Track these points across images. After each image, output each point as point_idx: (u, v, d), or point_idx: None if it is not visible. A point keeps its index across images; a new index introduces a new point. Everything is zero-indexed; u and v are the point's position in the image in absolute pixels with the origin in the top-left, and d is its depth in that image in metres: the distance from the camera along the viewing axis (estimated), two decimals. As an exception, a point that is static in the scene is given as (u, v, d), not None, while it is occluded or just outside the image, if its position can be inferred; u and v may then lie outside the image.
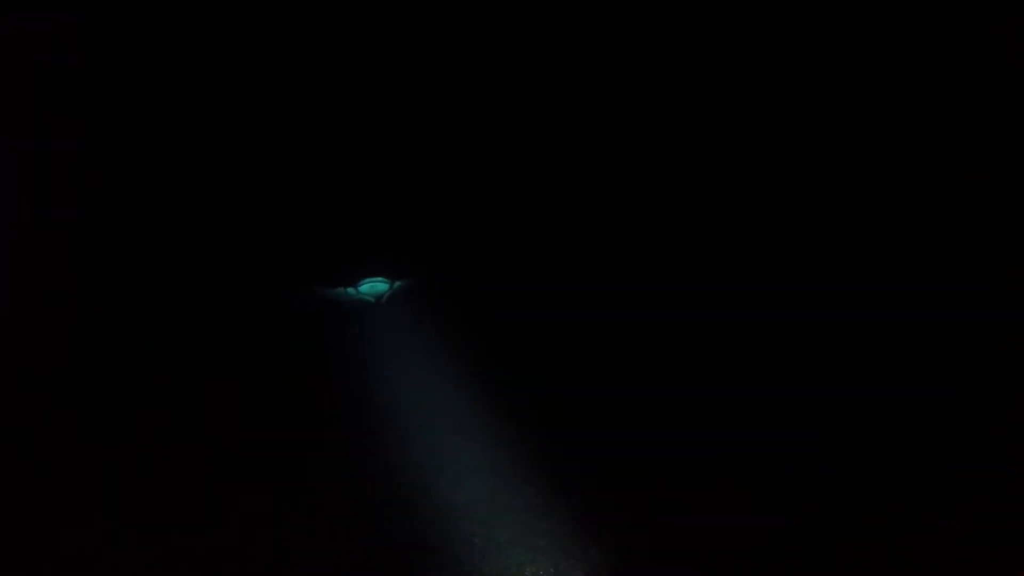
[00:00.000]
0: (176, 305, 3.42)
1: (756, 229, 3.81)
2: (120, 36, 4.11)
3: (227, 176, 3.95)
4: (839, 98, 4.19)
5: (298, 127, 4.07)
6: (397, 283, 3.58)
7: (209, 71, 4.09)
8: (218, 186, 3.91)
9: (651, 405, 3.08)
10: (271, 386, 3.12)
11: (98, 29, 4.15)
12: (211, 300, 3.45)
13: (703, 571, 2.59)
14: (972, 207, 3.84)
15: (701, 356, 3.30)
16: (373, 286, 3.57)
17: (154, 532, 2.63)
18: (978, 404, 3.03)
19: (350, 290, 3.54)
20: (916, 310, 3.42)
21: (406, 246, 3.74)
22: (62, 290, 3.54)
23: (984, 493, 2.72)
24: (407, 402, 3.10)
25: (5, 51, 3.87)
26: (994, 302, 3.41)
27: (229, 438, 2.92)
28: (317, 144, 4.05)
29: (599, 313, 3.47)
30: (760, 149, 4.09)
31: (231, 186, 3.91)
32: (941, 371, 3.18)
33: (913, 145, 4.04)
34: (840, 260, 3.65)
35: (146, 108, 4.09)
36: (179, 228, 3.77)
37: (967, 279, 3.53)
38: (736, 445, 2.95)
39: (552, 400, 3.12)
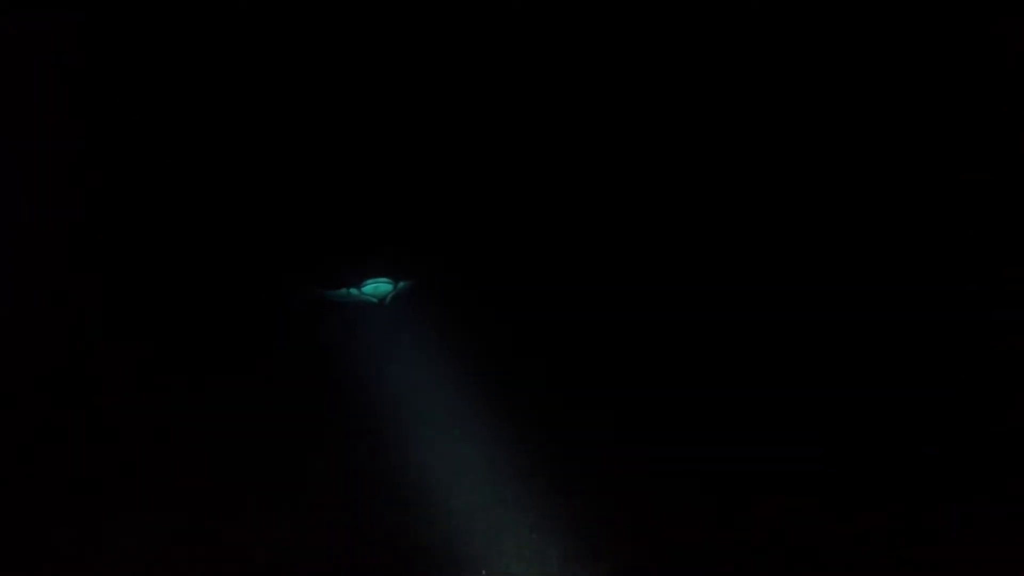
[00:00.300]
0: (176, 305, 3.40)
1: (756, 229, 3.80)
2: (120, 36, 4.11)
3: (227, 176, 3.95)
4: (839, 98, 4.18)
5: (298, 127, 4.06)
6: (401, 283, 3.54)
7: (209, 71, 4.08)
8: (218, 186, 3.90)
9: (651, 405, 3.07)
10: (272, 387, 3.10)
11: (98, 29, 4.15)
12: (212, 300, 3.44)
13: (703, 572, 2.58)
14: (972, 207, 3.83)
15: (701, 356, 3.29)
16: (376, 287, 3.51)
17: (154, 532, 2.62)
18: (978, 404, 3.02)
19: (353, 291, 3.50)
20: (916, 310, 3.42)
21: (409, 246, 3.72)
22: (62, 290, 3.53)
23: (984, 493, 2.72)
24: (409, 403, 3.08)
25: (5, 51, 3.87)
26: (994, 302, 3.41)
27: (229, 438, 2.91)
28: (317, 144, 4.04)
29: (599, 313, 3.45)
30: (760, 149, 4.08)
31: (231, 186, 3.91)
32: (941, 371, 3.17)
33: (913, 145, 4.03)
34: (840, 260, 3.65)
35: (146, 108, 4.08)
36: (179, 228, 3.77)
37: (967, 279, 3.53)
38: (735, 445, 2.94)
39: (553, 400, 3.10)
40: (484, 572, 2.53)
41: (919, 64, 4.08)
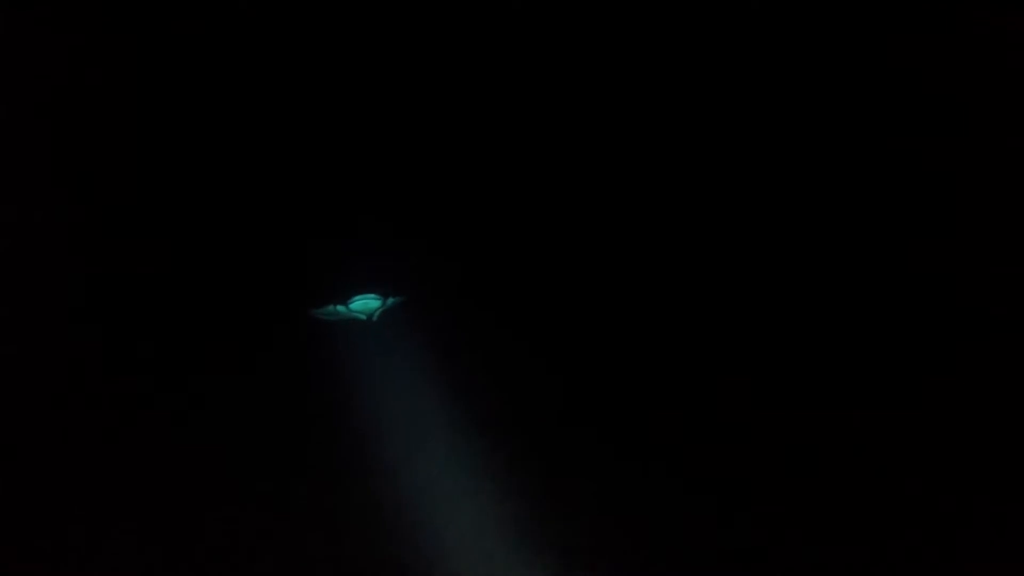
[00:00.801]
0: (149, 326, 3.36)
1: (755, 230, 3.80)
2: (120, 36, 4.12)
3: (226, 178, 3.95)
4: (838, 98, 4.18)
5: (289, 137, 4.06)
6: (390, 299, 3.44)
7: (208, 71, 4.10)
8: (217, 188, 3.90)
9: (654, 422, 3.04)
10: (254, 407, 3.05)
11: (99, 30, 4.17)
12: (188, 319, 3.38)
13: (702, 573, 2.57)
14: (972, 206, 3.83)
15: (704, 361, 3.27)
16: (365, 302, 3.41)
17: (154, 533, 2.62)
18: (977, 404, 3.01)
19: (340, 307, 3.41)
20: (915, 309, 3.41)
21: (400, 260, 3.68)
22: (62, 290, 3.54)
23: (984, 493, 2.71)
24: (398, 423, 3.00)
25: (5, 51, 3.88)
26: (994, 302, 3.40)
27: (208, 462, 2.86)
28: (307, 153, 4.03)
29: (601, 328, 3.42)
30: (758, 149, 4.08)
31: (230, 188, 3.90)
32: (938, 371, 3.16)
33: (913, 146, 4.03)
34: (839, 260, 3.64)
35: (145, 108, 4.09)
36: (178, 231, 3.77)
37: (964, 278, 3.52)
38: (734, 446, 2.93)
39: (551, 423, 3.05)
40: (470, 567, 2.46)
41: (919, 64, 4.08)
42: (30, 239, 3.68)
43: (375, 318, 3.40)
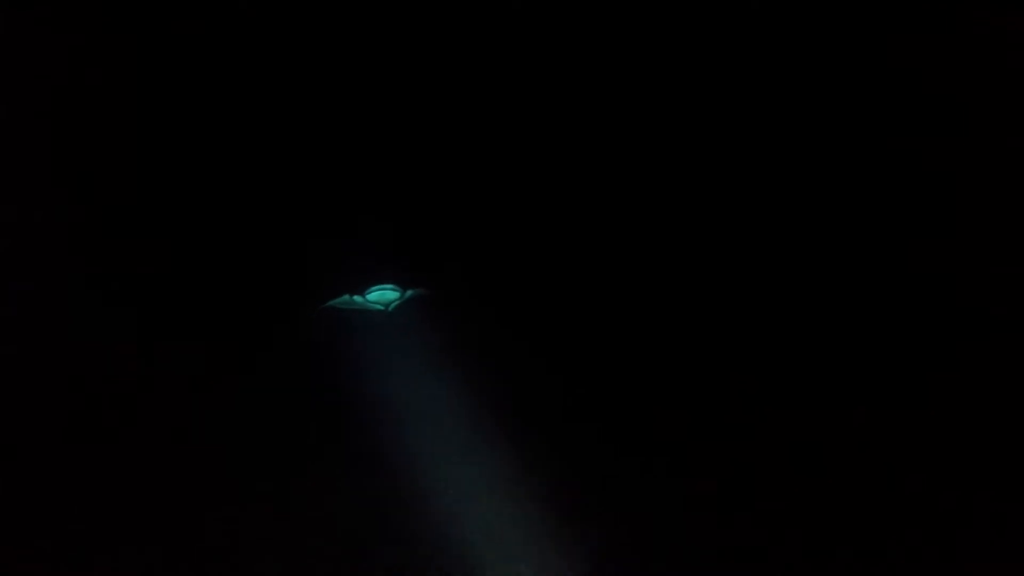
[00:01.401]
0: (167, 313, 3.36)
1: (757, 230, 3.80)
2: (120, 36, 4.12)
3: (226, 177, 3.95)
4: (838, 98, 4.18)
5: (302, 125, 4.06)
6: (409, 291, 3.44)
7: (208, 71, 4.09)
8: (217, 188, 3.90)
9: (658, 420, 3.03)
10: (264, 399, 3.04)
11: (99, 30, 4.17)
12: (204, 306, 3.38)
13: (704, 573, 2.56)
14: (972, 206, 3.83)
15: (706, 362, 3.27)
16: (382, 294, 3.40)
17: (154, 533, 2.61)
18: (978, 404, 3.01)
19: (356, 297, 3.41)
20: (915, 309, 3.41)
21: (419, 251, 3.67)
22: (62, 290, 3.54)
23: (984, 491, 2.71)
24: (414, 418, 2.98)
25: (5, 51, 3.88)
26: (994, 302, 3.40)
27: (227, 447, 2.86)
28: (323, 143, 4.03)
29: (618, 329, 3.40)
30: (760, 150, 4.08)
31: (230, 187, 3.90)
32: (939, 371, 3.16)
33: (913, 146, 4.03)
34: (841, 260, 3.64)
35: (145, 108, 4.09)
36: (178, 230, 3.77)
37: (964, 278, 3.52)
38: (735, 445, 2.93)
39: (568, 423, 3.03)
40: None
41: (918, 64, 4.08)
42: (30, 239, 3.68)
43: (391, 309, 3.39)
